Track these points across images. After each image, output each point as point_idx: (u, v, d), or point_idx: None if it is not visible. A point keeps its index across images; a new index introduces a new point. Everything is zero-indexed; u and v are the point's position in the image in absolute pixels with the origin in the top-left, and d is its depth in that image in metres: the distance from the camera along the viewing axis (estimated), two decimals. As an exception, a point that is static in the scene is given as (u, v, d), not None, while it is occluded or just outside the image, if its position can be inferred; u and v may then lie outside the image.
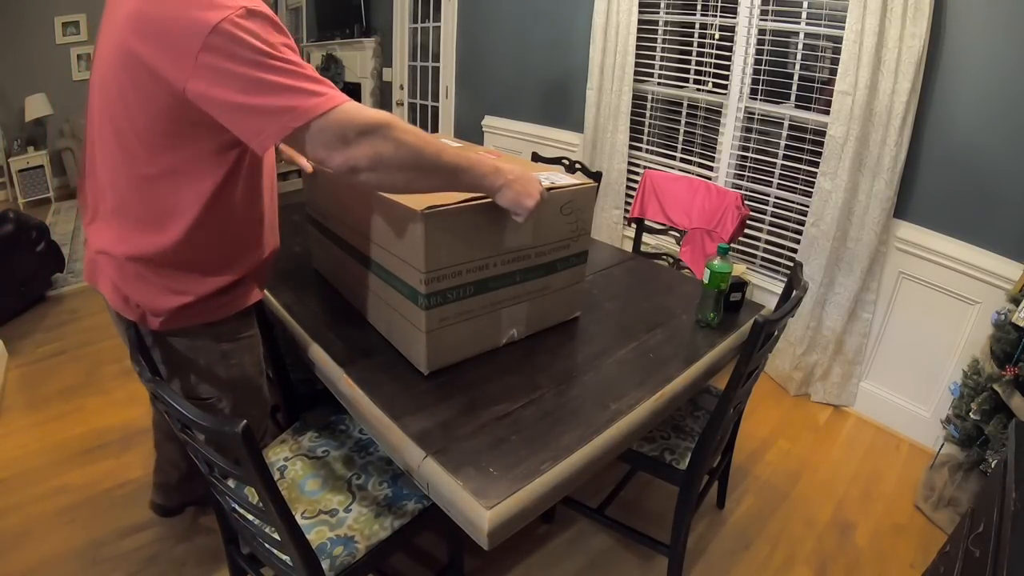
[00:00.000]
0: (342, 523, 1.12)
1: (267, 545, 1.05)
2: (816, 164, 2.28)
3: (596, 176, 2.34)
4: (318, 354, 1.20)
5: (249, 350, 1.18)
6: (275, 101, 0.80)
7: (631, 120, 2.87)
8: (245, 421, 0.76)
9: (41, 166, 4.76)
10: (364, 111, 0.85)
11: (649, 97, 2.92)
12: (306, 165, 1.37)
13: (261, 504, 0.89)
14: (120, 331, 1.13)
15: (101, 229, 1.02)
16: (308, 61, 6.00)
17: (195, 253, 1.00)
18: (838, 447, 2.18)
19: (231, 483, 1.08)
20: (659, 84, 2.86)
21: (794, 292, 1.32)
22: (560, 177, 1.23)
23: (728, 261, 1.33)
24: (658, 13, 2.76)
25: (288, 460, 1.27)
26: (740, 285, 1.42)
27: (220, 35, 0.78)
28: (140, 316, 1.03)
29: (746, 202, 2.22)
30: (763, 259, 2.63)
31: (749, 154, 2.58)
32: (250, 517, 1.04)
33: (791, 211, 2.49)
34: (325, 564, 1.03)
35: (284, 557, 1.04)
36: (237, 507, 1.04)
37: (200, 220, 0.96)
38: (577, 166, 2.38)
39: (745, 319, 1.42)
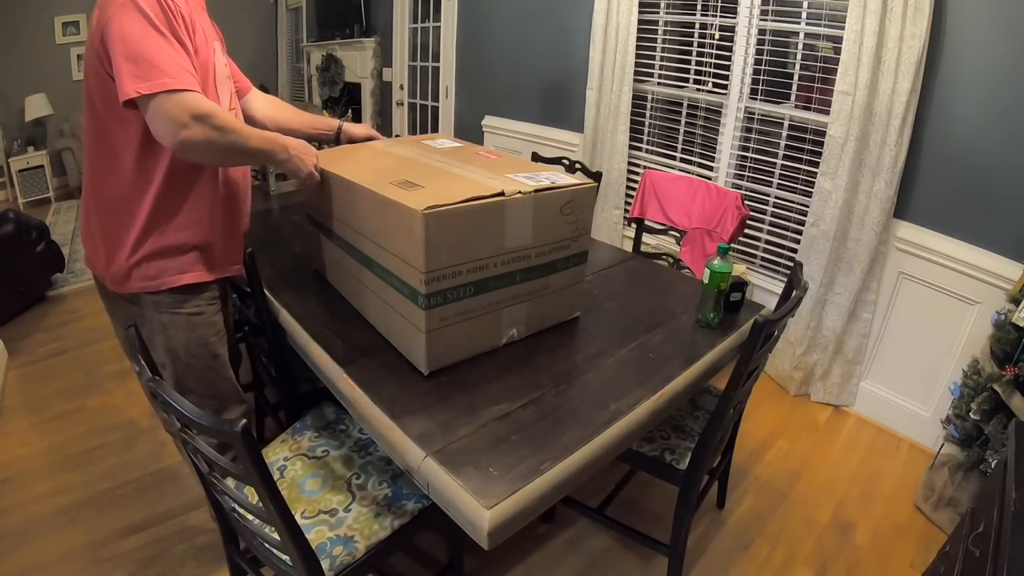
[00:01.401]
0: (342, 523, 1.12)
1: (267, 545, 1.05)
2: (816, 164, 2.28)
3: (596, 176, 2.34)
4: (318, 354, 1.20)
5: (189, 327, 1.23)
6: (141, 65, 0.97)
7: (631, 120, 2.87)
8: (245, 421, 0.77)
9: (41, 166, 4.76)
10: (202, 100, 1.02)
11: (649, 97, 2.92)
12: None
13: (261, 504, 0.89)
14: (112, 317, 1.29)
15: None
16: (308, 61, 5.96)
17: (114, 210, 1.15)
18: (838, 447, 2.18)
19: (230, 483, 1.08)
20: (659, 84, 2.86)
21: (794, 292, 1.32)
22: (560, 177, 1.23)
23: (728, 261, 1.33)
24: (658, 13, 2.76)
25: (288, 460, 1.27)
26: (740, 285, 1.42)
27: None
28: (101, 276, 1.20)
29: (746, 202, 2.22)
30: (763, 259, 2.63)
31: (749, 154, 2.58)
32: (250, 517, 1.04)
33: (791, 211, 2.49)
34: (325, 564, 1.03)
35: (284, 557, 1.03)
36: (237, 507, 1.05)
37: (109, 178, 1.12)
38: (577, 166, 2.38)
39: (745, 319, 1.42)
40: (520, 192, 1.11)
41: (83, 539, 1.63)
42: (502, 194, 1.08)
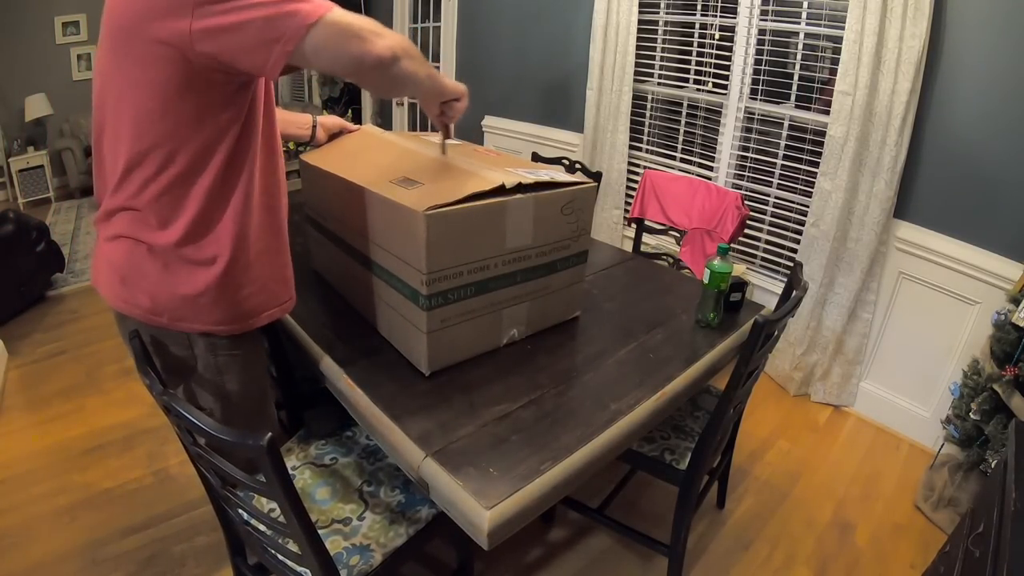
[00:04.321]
0: (356, 532, 1.11)
1: (280, 556, 1.03)
2: (816, 164, 2.28)
3: (596, 176, 2.34)
4: (318, 354, 1.20)
5: (245, 368, 1.11)
6: (274, 12, 0.80)
7: (631, 120, 2.87)
8: (270, 434, 0.74)
9: (41, 166, 4.76)
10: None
11: (649, 97, 2.92)
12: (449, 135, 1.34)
13: (283, 518, 0.87)
14: (125, 337, 1.08)
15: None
16: (308, 61, 5.87)
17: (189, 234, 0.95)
18: (838, 447, 2.18)
19: (240, 493, 1.06)
20: (659, 84, 2.86)
21: (794, 292, 1.32)
22: (560, 175, 1.22)
23: (728, 261, 1.33)
24: (658, 13, 2.76)
25: (296, 469, 1.26)
26: (740, 285, 1.42)
27: None
28: (147, 318, 0.99)
29: (746, 202, 2.22)
30: (763, 259, 2.63)
31: (749, 154, 2.58)
32: (262, 527, 1.02)
33: (791, 211, 2.49)
34: (343, 574, 1.02)
35: (301, 570, 1.02)
36: (251, 519, 1.03)
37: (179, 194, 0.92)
38: (577, 166, 2.38)
39: (745, 319, 1.42)
40: (520, 185, 1.10)
41: (83, 539, 1.63)
42: (503, 187, 1.08)
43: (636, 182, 2.73)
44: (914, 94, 1.95)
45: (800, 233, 2.41)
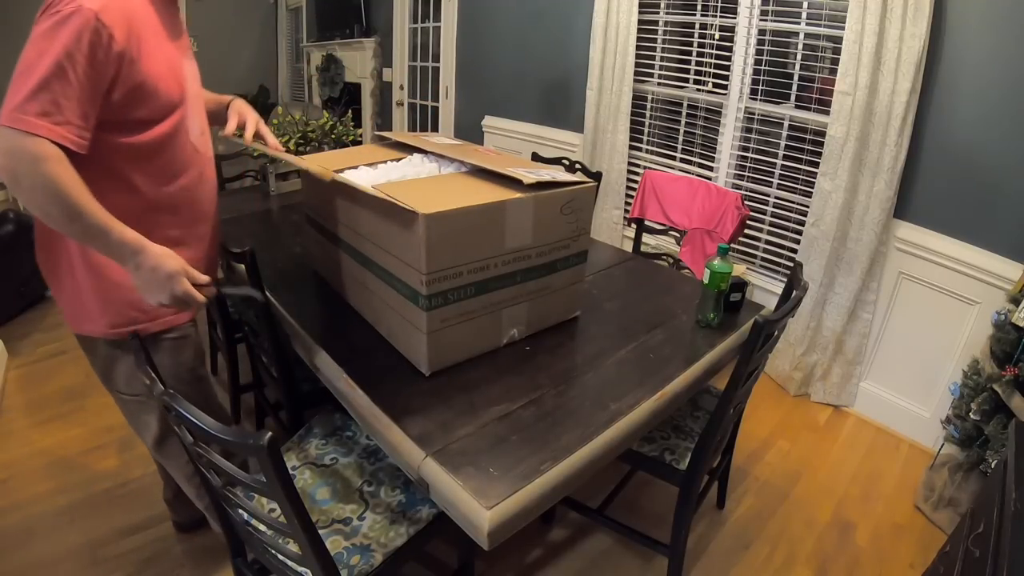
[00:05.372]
0: (357, 532, 1.12)
1: (281, 556, 1.03)
2: (816, 164, 2.28)
3: (596, 176, 2.34)
4: (318, 354, 1.20)
5: (174, 353, 1.16)
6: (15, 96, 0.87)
7: (631, 120, 2.87)
8: (270, 434, 0.75)
9: (41, 166, 4.76)
10: (30, 140, 0.87)
11: (649, 97, 2.92)
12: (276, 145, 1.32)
13: (283, 518, 0.87)
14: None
15: None
16: (308, 61, 5.87)
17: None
18: (838, 447, 2.18)
19: (239, 491, 1.06)
20: (659, 84, 2.86)
21: (794, 292, 1.32)
22: (560, 173, 1.23)
23: (728, 261, 1.33)
24: (658, 13, 2.76)
25: (296, 469, 1.26)
26: (740, 285, 1.42)
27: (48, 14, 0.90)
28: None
29: (746, 202, 2.22)
30: (763, 259, 2.63)
31: (749, 154, 2.58)
32: (262, 527, 1.02)
33: (791, 211, 2.49)
34: (344, 574, 1.02)
35: (302, 570, 1.02)
36: (251, 520, 1.03)
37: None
38: (577, 166, 2.38)
39: (745, 319, 1.42)
40: (520, 184, 1.10)
41: (83, 539, 1.63)
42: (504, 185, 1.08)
43: (636, 182, 2.73)
44: (914, 94, 1.95)
45: (800, 233, 2.41)
